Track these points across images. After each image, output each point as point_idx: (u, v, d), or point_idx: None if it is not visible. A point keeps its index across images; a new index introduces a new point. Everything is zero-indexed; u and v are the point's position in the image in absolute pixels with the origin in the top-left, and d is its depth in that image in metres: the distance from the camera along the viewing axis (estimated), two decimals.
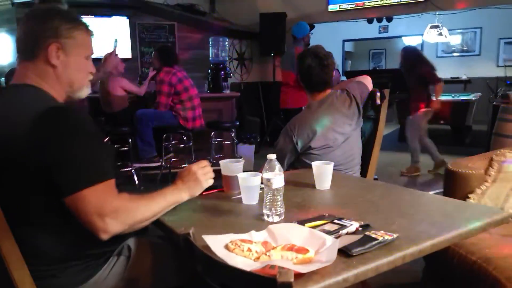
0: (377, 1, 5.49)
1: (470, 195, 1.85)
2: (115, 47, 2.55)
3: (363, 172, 2.06)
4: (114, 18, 4.77)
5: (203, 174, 1.22)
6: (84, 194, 0.97)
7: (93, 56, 1.23)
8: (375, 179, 3.44)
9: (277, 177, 1.17)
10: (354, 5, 5.64)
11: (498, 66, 8.16)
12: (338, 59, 9.60)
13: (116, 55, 2.74)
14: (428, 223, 1.13)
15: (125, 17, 4.78)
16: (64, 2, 2.27)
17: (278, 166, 1.19)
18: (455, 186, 1.93)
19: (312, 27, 5.03)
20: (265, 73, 6.20)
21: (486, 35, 8.25)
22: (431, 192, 3.43)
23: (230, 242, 0.93)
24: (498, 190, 1.83)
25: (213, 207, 1.29)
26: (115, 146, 3.48)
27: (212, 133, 4.08)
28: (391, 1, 5.38)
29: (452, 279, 1.63)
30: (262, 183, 1.23)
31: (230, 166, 1.41)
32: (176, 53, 4.32)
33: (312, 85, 2.03)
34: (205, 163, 1.27)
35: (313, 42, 6.54)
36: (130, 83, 3.97)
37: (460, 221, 1.13)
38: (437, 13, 6.12)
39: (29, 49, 1.12)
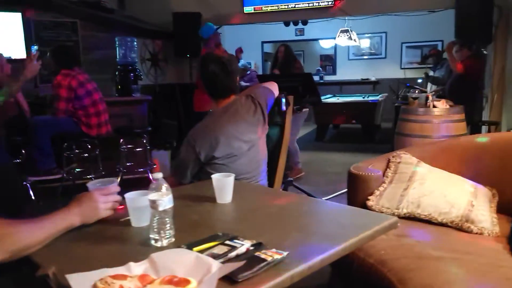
0: (290, 5, 5.61)
1: (369, 197, 1.92)
2: (35, 51, 2.27)
3: (271, 180, 2.05)
4: (3, 13, 4.22)
5: (103, 203, 1.16)
6: None
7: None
8: (289, 181, 3.51)
9: (164, 198, 1.08)
10: (268, 8, 5.71)
11: (401, 68, 8.90)
12: (258, 60, 9.71)
13: (31, 60, 2.42)
14: (320, 236, 1.13)
15: (17, 13, 4.25)
16: None
17: (165, 185, 1.09)
18: (357, 188, 1.99)
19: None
20: (181, 75, 6.02)
21: (390, 40, 8.95)
22: (339, 192, 3.62)
23: (99, 280, 0.82)
24: (394, 191, 1.92)
25: (96, 233, 1.15)
26: None
27: (121, 139, 3.81)
28: (304, 5, 5.54)
29: (354, 282, 1.67)
30: None
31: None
32: (76, 54, 3.94)
33: (216, 92, 1.97)
34: (111, 190, 1.20)
35: (232, 43, 6.51)
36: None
37: (352, 230, 1.14)
38: (346, 18, 6.45)
39: None
